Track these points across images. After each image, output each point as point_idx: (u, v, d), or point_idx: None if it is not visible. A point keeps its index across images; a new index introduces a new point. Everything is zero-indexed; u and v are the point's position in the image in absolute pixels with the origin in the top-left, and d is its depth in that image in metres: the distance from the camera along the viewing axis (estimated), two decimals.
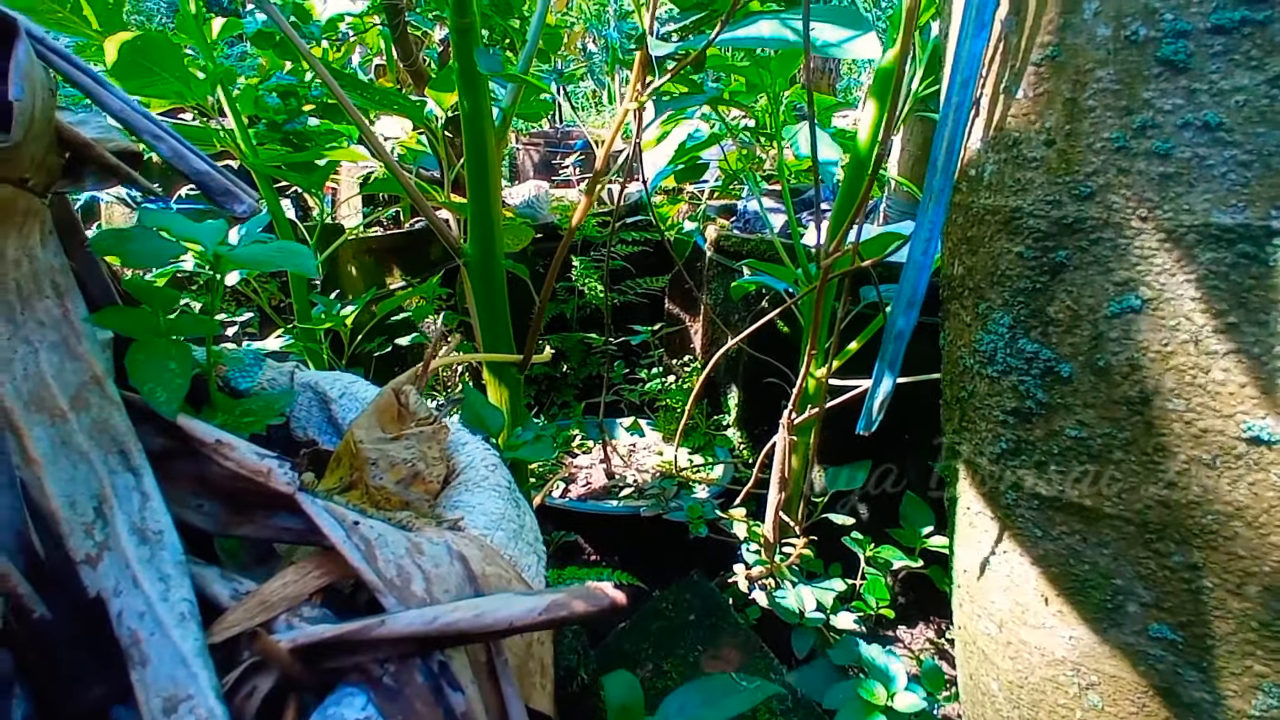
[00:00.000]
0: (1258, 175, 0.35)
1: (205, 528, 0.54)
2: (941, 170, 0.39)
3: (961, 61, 0.38)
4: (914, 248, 0.41)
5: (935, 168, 0.40)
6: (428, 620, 0.42)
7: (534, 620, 0.43)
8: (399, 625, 0.41)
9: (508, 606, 0.43)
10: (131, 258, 0.56)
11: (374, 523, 0.50)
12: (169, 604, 0.41)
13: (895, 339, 0.44)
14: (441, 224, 0.93)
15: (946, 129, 0.39)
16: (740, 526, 0.95)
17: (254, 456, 0.51)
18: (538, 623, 0.43)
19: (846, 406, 1.03)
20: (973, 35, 0.37)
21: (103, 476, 0.48)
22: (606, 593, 0.45)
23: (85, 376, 0.54)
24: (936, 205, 0.40)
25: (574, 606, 0.44)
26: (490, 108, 0.91)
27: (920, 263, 0.41)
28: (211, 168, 0.57)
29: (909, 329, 0.44)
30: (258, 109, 1.49)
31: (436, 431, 0.62)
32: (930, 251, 0.41)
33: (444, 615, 0.42)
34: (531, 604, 0.44)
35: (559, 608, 0.44)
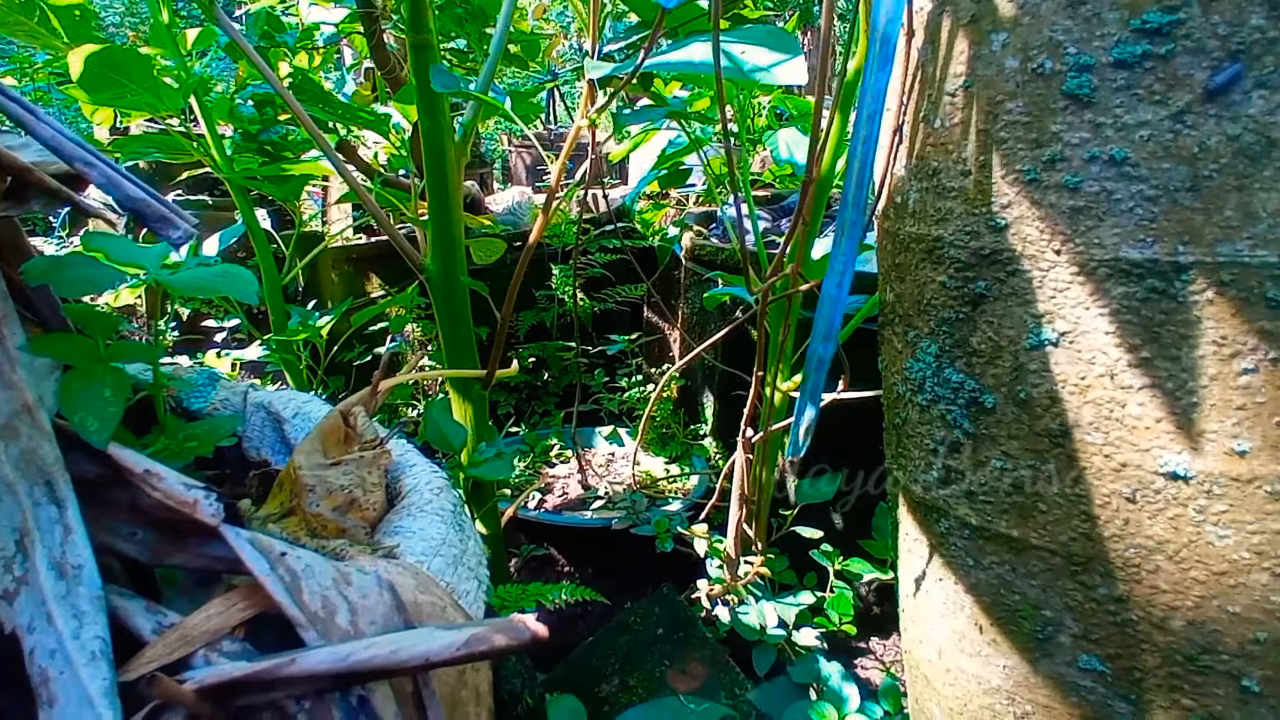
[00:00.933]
0: (1164, 210, 0.35)
1: (137, 557, 0.54)
2: (852, 204, 0.39)
3: (868, 95, 0.38)
4: (828, 281, 0.41)
5: (846, 201, 0.39)
6: (340, 658, 0.41)
7: (451, 655, 0.43)
8: (310, 664, 0.41)
9: (425, 642, 0.43)
10: (65, 286, 0.55)
11: (302, 553, 0.50)
12: (80, 642, 0.41)
13: (815, 369, 0.44)
14: (402, 238, 0.93)
15: (855, 163, 0.39)
16: (701, 543, 0.95)
17: (181, 487, 0.50)
18: (455, 658, 0.43)
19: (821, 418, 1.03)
20: (877, 69, 0.37)
21: (26, 509, 0.48)
22: (527, 625, 0.45)
23: (16, 405, 0.54)
24: (849, 239, 0.40)
25: (494, 640, 0.44)
26: (450, 124, 0.91)
27: (835, 296, 0.41)
28: (146, 194, 0.56)
29: (828, 359, 0.43)
30: (233, 119, 1.48)
31: (377, 457, 0.61)
32: (844, 285, 0.41)
33: (358, 652, 0.42)
34: (449, 639, 0.43)
35: (478, 642, 0.44)
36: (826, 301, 0.41)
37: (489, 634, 0.44)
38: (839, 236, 0.40)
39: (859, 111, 0.38)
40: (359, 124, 1.07)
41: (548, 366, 1.89)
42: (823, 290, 0.41)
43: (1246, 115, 0.33)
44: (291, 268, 1.52)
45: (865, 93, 0.38)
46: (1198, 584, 0.41)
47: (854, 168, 0.39)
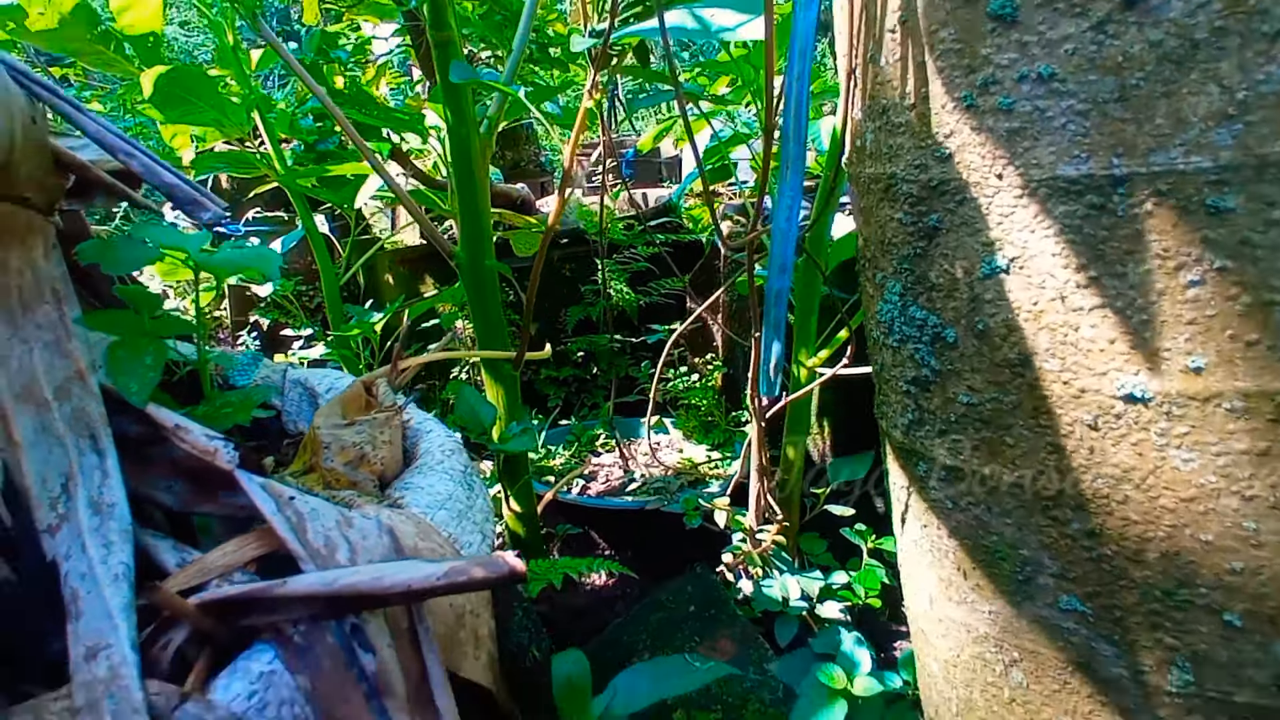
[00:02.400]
0: (1095, 124, 0.35)
1: (171, 505, 0.60)
2: (793, 138, 0.40)
3: (798, 32, 0.38)
4: (777, 215, 0.42)
5: (787, 136, 0.40)
6: (328, 581, 0.45)
7: (432, 584, 0.46)
8: (300, 586, 0.44)
9: (407, 571, 0.46)
10: (113, 264, 0.62)
11: (309, 499, 0.54)
12: (107, 566, 0.46)
13: (774, 303, 0.45)
14: (435, 231, 0.98)
15: (792, 97, 0.40)
16: (721, 515, 0.96)
17: (203, 438, 0.55)
18: (436, 587, 0.46)
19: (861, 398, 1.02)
20: (804, 6, 0.38)
21: (72, 458, 0.54)
22: (506, 561, 0.48)
23: (70, 371, 0.61)
24: (794, 172, 0.41)
25: (473, 573, 0.47)
26: (474, 117, 0.95)
27: (784, 230, 0.41)
28: (179, 180, 0.62)
29: (785, 292, 0.44)
30: (293, 132, 1.59)
31: (389, 418, 0.65)
32: (792, 218, 0.41)
33: (344, 578, 0.45)
34: (430, 570, 0.46)
35: (457, 573, 0.46)
36: (777, 235, 0.42)
37: (468, 566, 0.46)
38: (784, 170, 0.41)
39: (791, 49, 0.39)
40: (395, 126, 1.14)
41: (596, 360, 1.92)
42: (773, 224, 0.42)
43: (1167, 20, 0.32)
44: (349, 270, 1.61)
45: (795, 30, 0.39)
46: (1167, 513, 0.40)
47: (791, 102, 0.40)
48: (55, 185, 0.67)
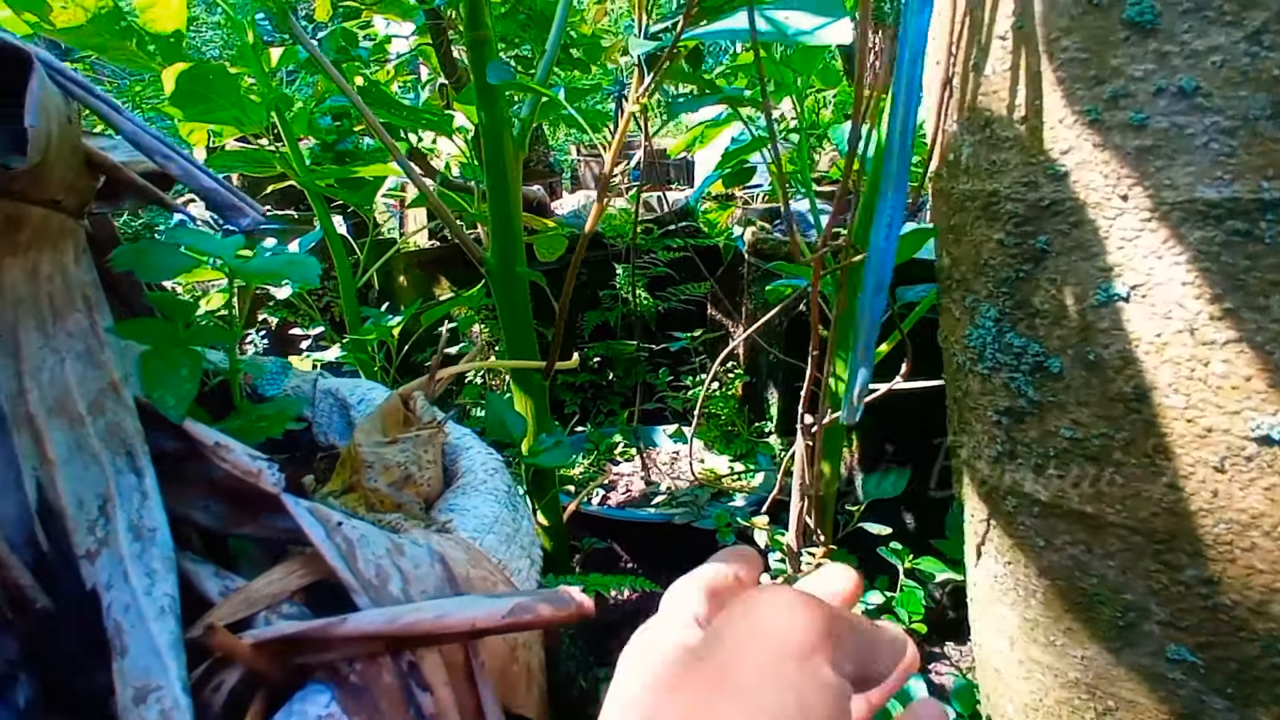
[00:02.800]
0: (1244, 143, 0.32)
1: (210, 526, 0.57)
2: (897, 154, 0.37)
3: (909, 37, 0.36)
4: (876, 234, 0.39)
5: (891, 151, 0.37)
6: (389, 619, 0.42)
7: (498, 623, 0.43)
8: (360, 624, 0.42)
9: (471, 608, 0.44)
10: (148, 271, 0.59)
11: (358, 524, 0.51)
12: (152, 598, 0.43)
13: (866, 326, 0.42)
14: (465, 234, 0.95)
15: (899, 109, 0.37)
16: (762, 535, 0.93)
17: (246, 458, 0.53)
18: (501, 625, 0.43)
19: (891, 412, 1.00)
20: (917, 10, 0.35)
21: (109, 477, 0.51)
22: (573, 597, 0.45)
23: (104, 383, 0.58)
24: (896, 190, 0.38)
25: (539, 611, 0.44)
26: (508, 119, 0.93)
27: (883, 249, 0.39)
28: (218, 184, 0.60)
29: (879, 315, 0.41)
30: (311, 131, 1.56)
31: (433, 436, 0.63)
32: (891, 237, 0.39)
33: (405, 615, 0.42)
34: (495, 607, 0.44)
35: (524, 610, 0.44)
36: (874, 254, 0.40)
37: (534, 604, 0.44)
38: (885, 188, 0.38)
39: (900, 55, 0.36)
40: (423, 125, 1.11)
41: (613, 366, 1.90)
42: (870, 243, 0.40)
43: None
44: (365, 272, 1.59)
45: (905, 36, 0.36)
46: None
47: (898, 115, 0.37)
48: (87, 187, 0.64)
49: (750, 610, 0.25)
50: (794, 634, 0.23)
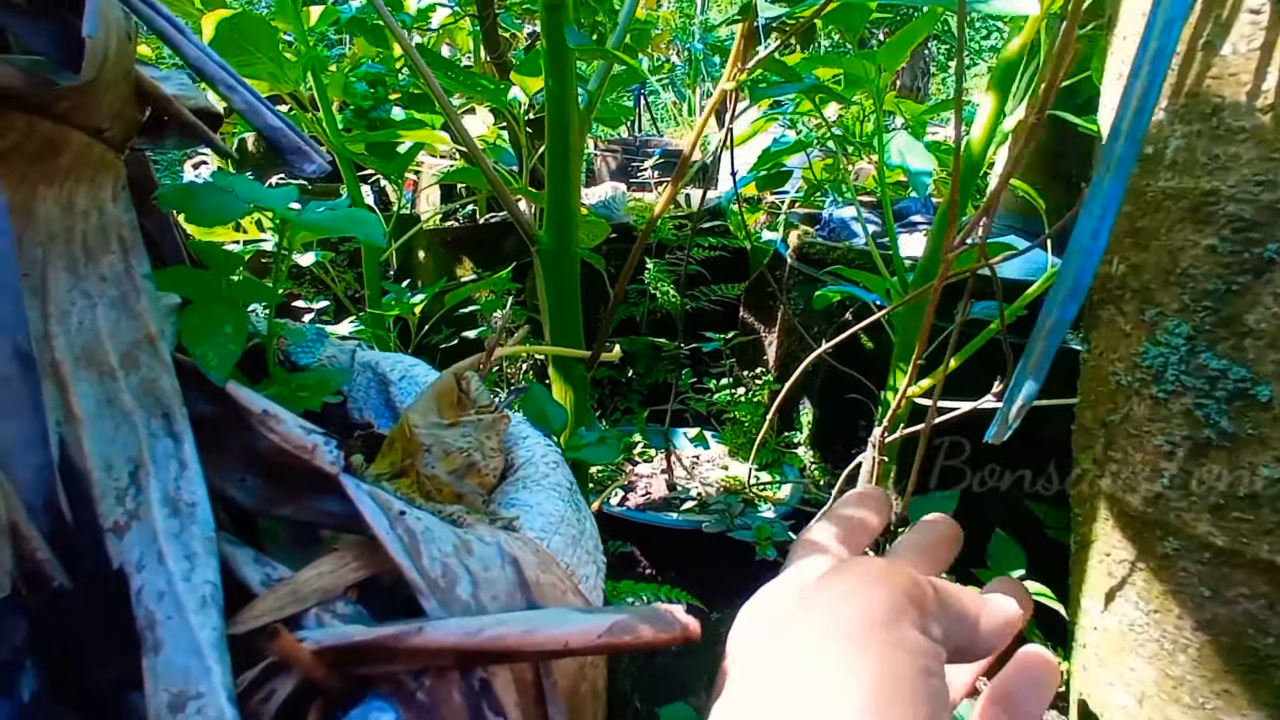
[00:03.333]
0: None
1: (246, 504, 0.51)
2: (1127, 135, 0.32)
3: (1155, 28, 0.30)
4: (1080, 229, 0.34)
5: (1119, 132, 0.32)
6: (471, 631, 0.36)
7: (593, 643, 0.37)
8: (438, 634, 0.36)
9: (563, 623, 0.38)
10: (196, 214, 0.53)
11: (421, 514, 0.45)
12: (191, 585, 0.37)
13: (1048, 335, 0.36)
14: (519, 211, 0.89)
15: (1139, 83, 0.31)
16: None
17: (300, 431, 0.47)
18: (597, 645, 0.37)
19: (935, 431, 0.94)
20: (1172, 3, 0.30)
21: (142, 440, 0.45)
22: (678, 618, 0.39)
23: (139, 335, 0.52)
24: (1115, 178, 0.32)
25: (640, 631, 0.38)
26: (576, 90, 0.87)
27: (1088, 248, 0.33)
28: (284, 124, 0.54)
29: (1068, 322, 0.36)
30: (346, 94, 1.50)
31: (496, 421, 0.57)
32: (1101, 234, 0.33)
33: (490, 627, 0.36)
34: (591, 623, 0.38)
35: (623, 630, 0.38)
36: (1076, 253, 0.34)
37: (634, 622, 0.38)
38: (1101, 174, 0.33)
39: (1151, 18, 0.31)
40: (479, 93, 1.05)
41: (634, 362, 1.84)
42: (1072, 240, 0.34)
43: None
44: (389, 246, 1.52)
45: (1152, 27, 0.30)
46: None
47: (1133, 89, 0.31)
48: (134, 118, 0.58)
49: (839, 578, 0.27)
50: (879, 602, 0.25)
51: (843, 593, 0.26)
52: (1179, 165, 0.37)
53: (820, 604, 0.26)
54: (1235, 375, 0.37)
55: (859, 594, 0.26)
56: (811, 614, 0.26)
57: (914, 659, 0.24)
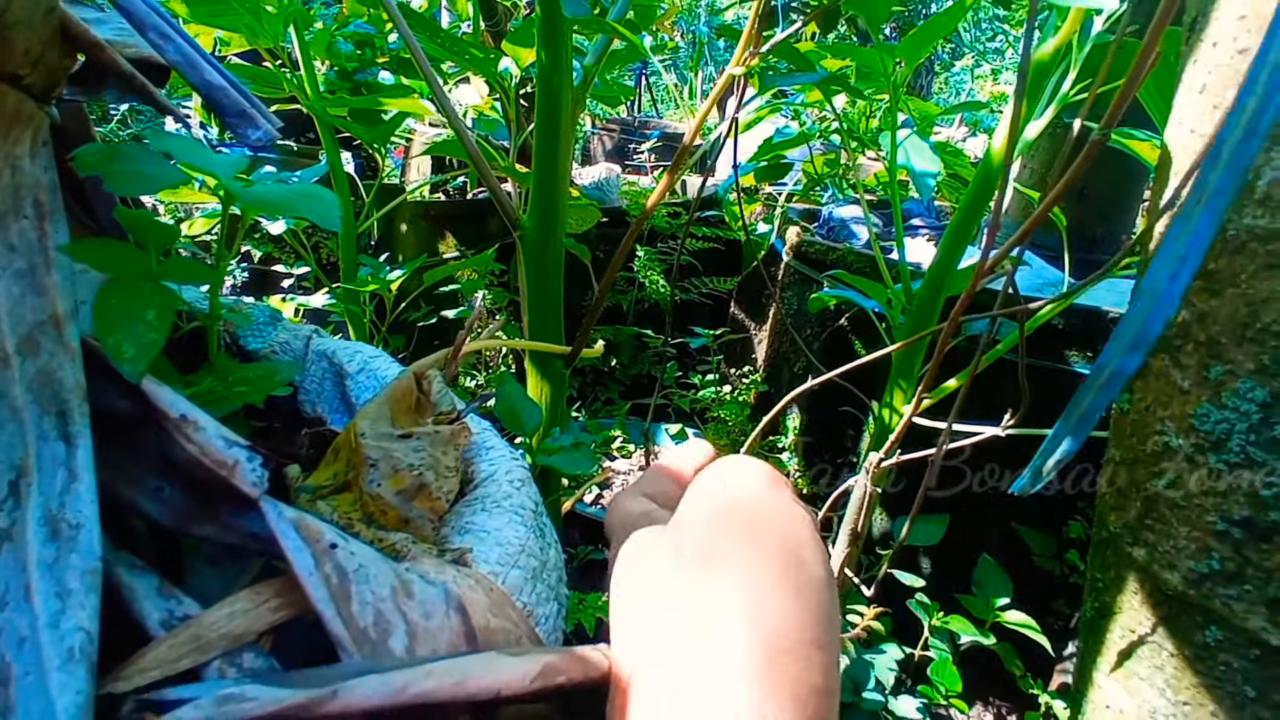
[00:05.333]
0: None
1: (160, 519, 0.44)
2: (1228, 163, 0.26)
3: None
4: (1158, 269, 0.28)
5: (1217, 158, 0.26)
6: (395, 689, 0.30)
7: (526, 689, 0.32)
8: (356, 698, 0.30)
9: (495, 671, 0.32)
10: (120, 180, 0.46)
11: (356, 548, 0.39)
12: (58, 633, 0.31)
13: (1100, 390, 0.31)
14: (501, 192, 0.82)
15: (1251, 100, 0.25)
16: None
17: (220, 443, 0.40)
18: (530, 691, 0.32)
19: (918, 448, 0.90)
20: None
21: (30, 442, 0.38)
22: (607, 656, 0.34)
23: (44, 315, 0.45)
24: (1208, 211, 0.27)
25: (570, 673, 0.32)
26: (570, 65, 0.80)
27: (1164, 293, 0.28)
28: (227, 82, 0.47)
29: (1128, 374, 0.30)
30: (330, 55, 1.42)
31: (455, 434, 0.50)
32: (1182, 275, 0.28)
33: (416, 682, 0.30)
34: (521, 670, 0.32)
35: (554, 673, 0.32)
36: (1147, 296, 0.28)
37: (564, 664, 0.32)
38: (1190, 206, 0.27)
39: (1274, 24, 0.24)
40: (468, 64, 0.97)
41: (617, 352, 1.78)
42: (1145, 279, 0.28)
43: None
44: (368, 218, 1.45)
45: None
46: None
47: (1248, 104, 0.25)
48: (58, 65, 0.50)
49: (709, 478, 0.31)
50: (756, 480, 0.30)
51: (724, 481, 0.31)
52: (1273, 202, 0.31)
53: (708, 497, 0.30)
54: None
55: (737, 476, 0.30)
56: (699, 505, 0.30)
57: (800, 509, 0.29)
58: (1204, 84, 0.35)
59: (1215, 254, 0.35)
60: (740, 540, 0.26)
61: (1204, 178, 0.27)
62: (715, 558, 0.26)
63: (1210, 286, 0.35)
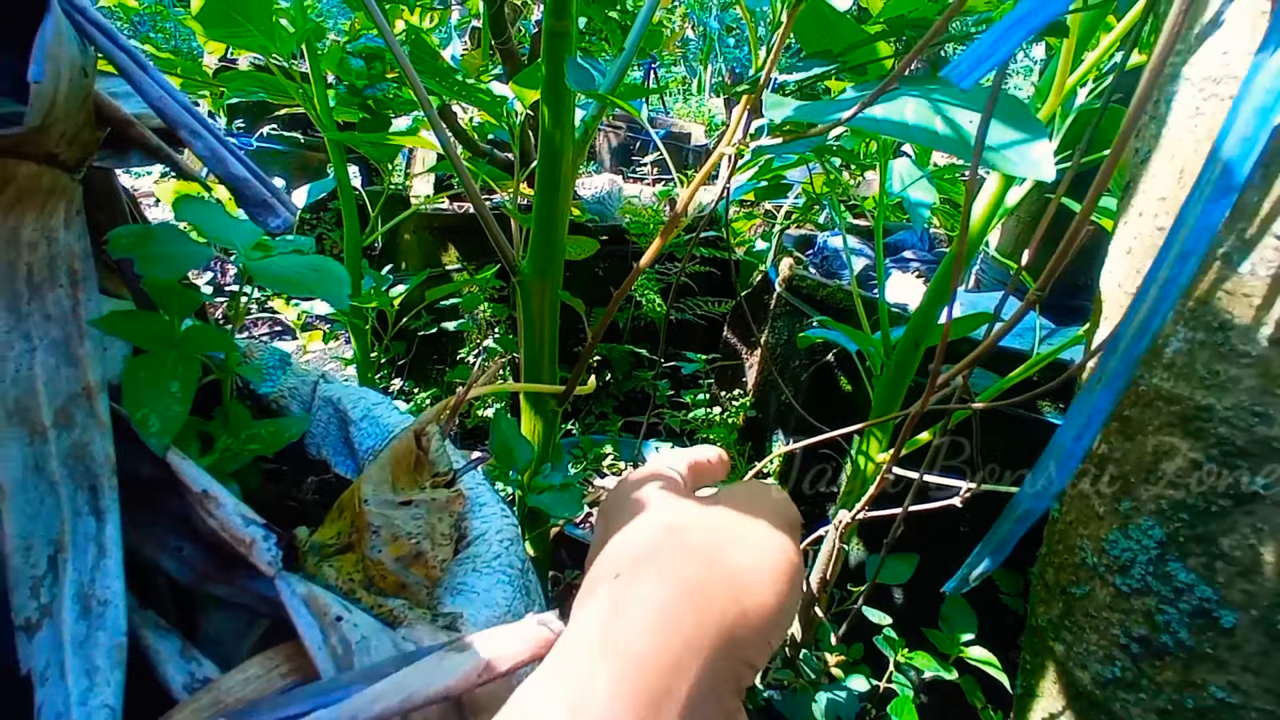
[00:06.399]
0: None
1: (181, 577, 0.48)
2: (1122, 353, 0.30)
3: (1186, 229, 0.28)
4: (1064, 432, 0.32)
5: (1115, 348, 0.30)
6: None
7: (474, 682, 0.37)
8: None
9: (438, 676, 0.37)
10: (153, 264, 0.50)
11: (360, 619, 0.44)
12: (86, 710, 0.35)
13: (1016, 520, 0.35)
14: (501, 236, 0.86)
15: (1144, 306, 0.30)
16: None
17: (239, 520, 0.44)
18: (479, 683, 0.37)
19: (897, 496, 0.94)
20: (1210, 198, 0.28)
21: (66, 517, 0.42)
22: (550, 627, 0.38)
23: (77, 387, 0.49)
24: (1106, 390, 0.31)
25: (516, 653, 0.38)
26: (573, 123, 0.83)
27: (1069, 450, 0.32)
28: (250, 174, 0.50)
29: (1036, 515, 0.35)
30: (340, 70, 1.45)
31: (450, 502, 0.55)
32: (1084, 440, 0.32)
33: (364, 710, 0.35)
34: (465, 665, 0.37)
35: (500, 659, 0.37)
36: (1057, 451, 0.33)
37: (508, 644, 0.37)
38: (1092, 384, 0.31)
39: (1166, 245, 0.29)
40: (474, 103, 1.01)
41: (613, 368, 1.82)
42: (1055, 440, 0.33)
43: None
44: (374, 230, 1.48)
45: (1182, 223, 0.29)
46: None
47: (1138, 312, 0.30)
48: (91, 140, 0.54)
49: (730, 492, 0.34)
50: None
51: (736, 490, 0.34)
52: (1176, 369, 0.36)
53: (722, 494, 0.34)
54: (1201, 594, 0.36)
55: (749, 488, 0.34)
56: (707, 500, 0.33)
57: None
58: (1130, 247, 0.39)
59: (1131, 402, 0.39)
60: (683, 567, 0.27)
61: (1104, 361, 0.31)
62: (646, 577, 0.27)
63: (1125, 429, 0.39)
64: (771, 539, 0.29)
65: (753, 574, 0.27)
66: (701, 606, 0.25)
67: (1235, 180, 0.28)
